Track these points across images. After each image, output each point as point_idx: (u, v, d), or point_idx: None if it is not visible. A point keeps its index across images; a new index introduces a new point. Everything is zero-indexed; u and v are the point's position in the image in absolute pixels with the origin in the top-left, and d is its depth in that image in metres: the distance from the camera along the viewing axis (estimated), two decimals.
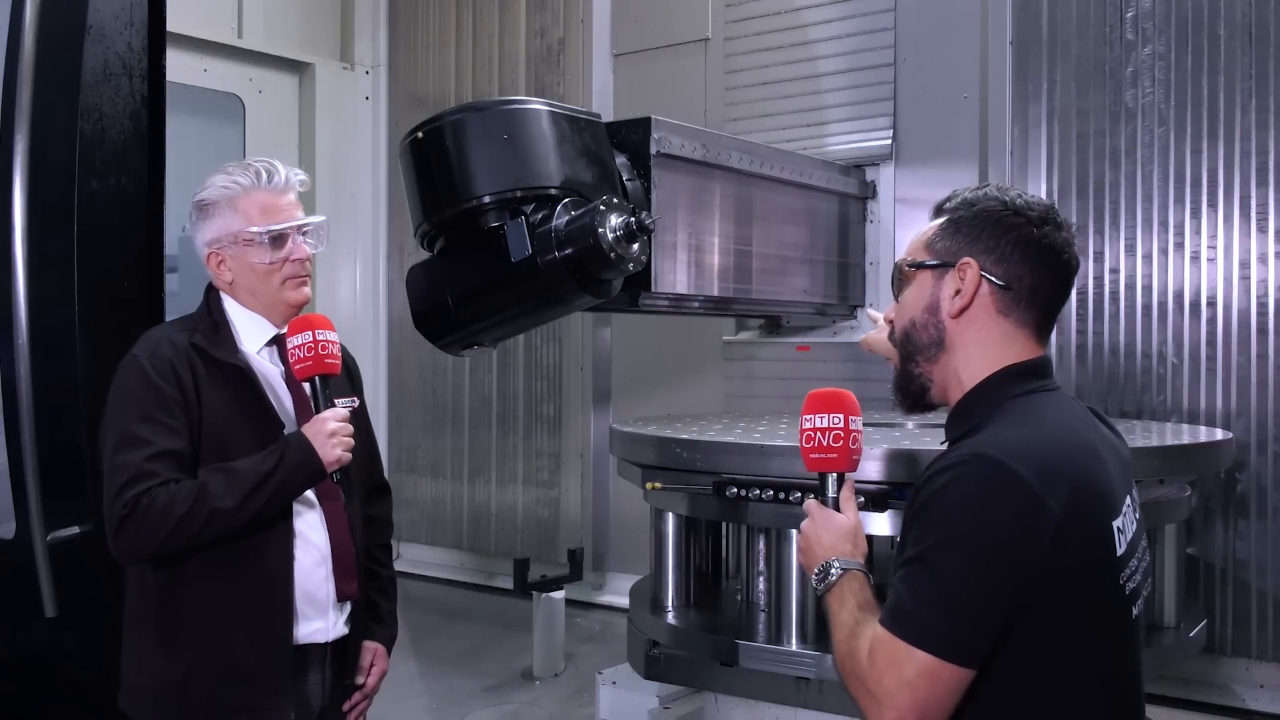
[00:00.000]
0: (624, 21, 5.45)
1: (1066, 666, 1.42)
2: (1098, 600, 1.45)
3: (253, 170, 2.11)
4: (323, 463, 2.00)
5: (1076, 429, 1.53)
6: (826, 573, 1.58)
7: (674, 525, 3.04)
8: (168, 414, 1.97)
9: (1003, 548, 1.37)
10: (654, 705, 2.96)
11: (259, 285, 2.12)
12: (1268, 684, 3.72)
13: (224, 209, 2.10)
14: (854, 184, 4.19)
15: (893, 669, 1.38)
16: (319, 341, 2.04)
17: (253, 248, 2.10)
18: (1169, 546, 2.95)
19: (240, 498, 1.93)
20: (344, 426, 2.04)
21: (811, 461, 1.70)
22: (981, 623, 1.37)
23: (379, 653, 2.34)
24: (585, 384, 5.61)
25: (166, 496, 1.90)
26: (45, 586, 2.41)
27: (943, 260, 1.58)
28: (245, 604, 2.02)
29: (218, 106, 5.66)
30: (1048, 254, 1.56)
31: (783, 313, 4.26)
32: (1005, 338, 1.56)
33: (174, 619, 2.02)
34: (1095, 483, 1.45)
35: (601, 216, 2.41)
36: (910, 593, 1.40)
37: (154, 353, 2.02)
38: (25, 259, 2.39)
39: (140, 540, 1.92)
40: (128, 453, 1.93)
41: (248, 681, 2.03)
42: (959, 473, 1.41)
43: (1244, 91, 3.71)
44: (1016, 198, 1.58)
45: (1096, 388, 3.94)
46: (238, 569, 2.01)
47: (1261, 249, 3.69)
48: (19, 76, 2.40)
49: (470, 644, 5.06)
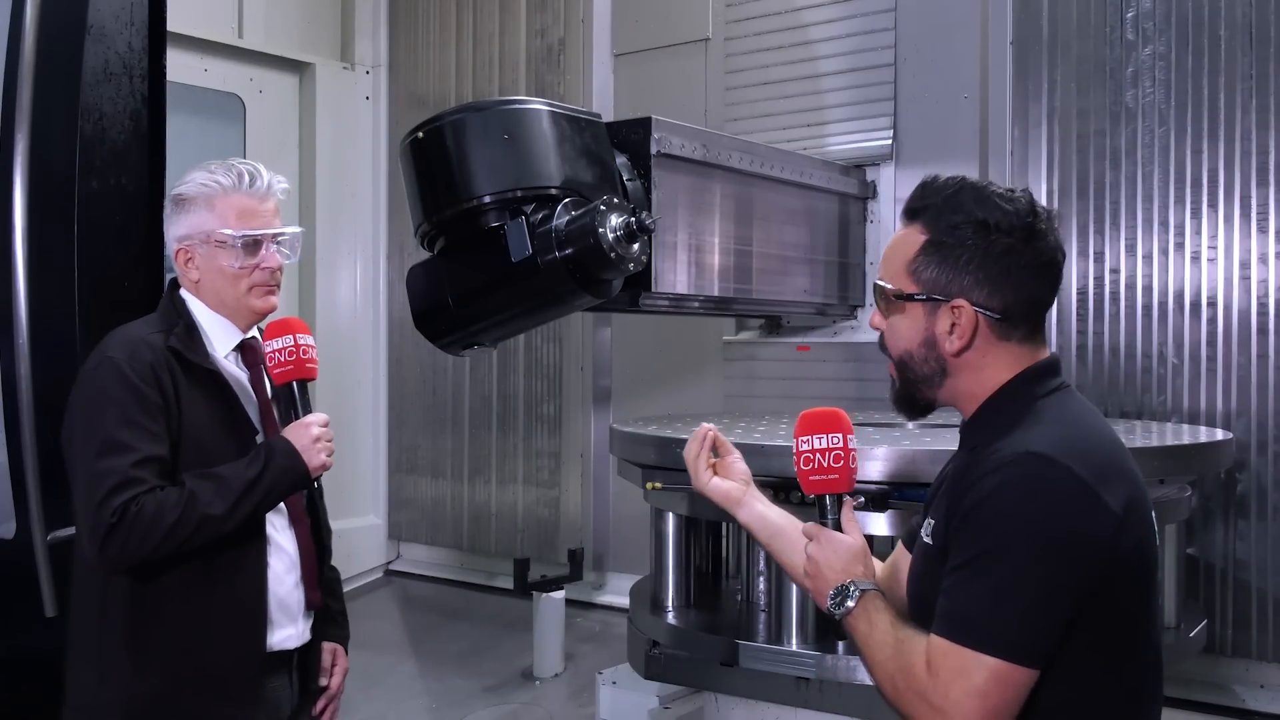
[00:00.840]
0: (624, 21, 5.45)
1: (1113, 657, 1.42)
2: (1146, 593, 1.45)
3: (235, 172, 2.05)
4: (308, 469, 1.97)
5: (1106, 427, 1.53)
6: (845, 596, 1.53)
7: (674, 525, 3.04)
8: (150, 419, 1.91)
9: (1065, 545, 1.35)
10: (654, 705, 2.96)
11: (225, 289, 2.06)
12: (1268, 684, 3.72)
13: (200, 206, 2.04)
14: (854, 184, 4.19)
15: (960, 678, 1.35)
16: (300, 345, 2.01)
17: (224, 250, 2.04)
18: (1169, 546, 2.95)
19: (229, 504, 1.89)
20: (327, 432, 2.01)
21: (811, 484, 1.64)
22: (1048, 622, 1.35)
23: (338, 652, 2.31)
24: (585, 384, 5.61)
25: (155, 504, 1.85)
26: (45, 586, 2.41)
27: (930, 294, 1.50)
28: (222, 613, 1.98)
29: (218, 106, 5.66)
30: (1040, 269, 1.50)
31: (783, 313, 4.26)
32: (1010, 354, 1.52)
33: (146, 629, 1.95)
34: (1138, 477, 1.46)
35: (602, 216, 2.41)
36: (972, 599, 1.37)
37: (133, 355, 1.94)
38: (25, 259, 2.38)
39: (130, 548, 1.85)
40: (112, 458, 1.86)
41: (222, 692, 1.98)
42: (1010, 474, 1.38)
43: (1244, 91, 3.71)
44: (995, 209, 1.47)
45: (1096, 388, 3.94)
46: (215, 578, 1.97)
47: (1261, 249, 3.69)
48: (19, 76, 2.39)
49: (470, 644, 5.06)
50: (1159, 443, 3.00)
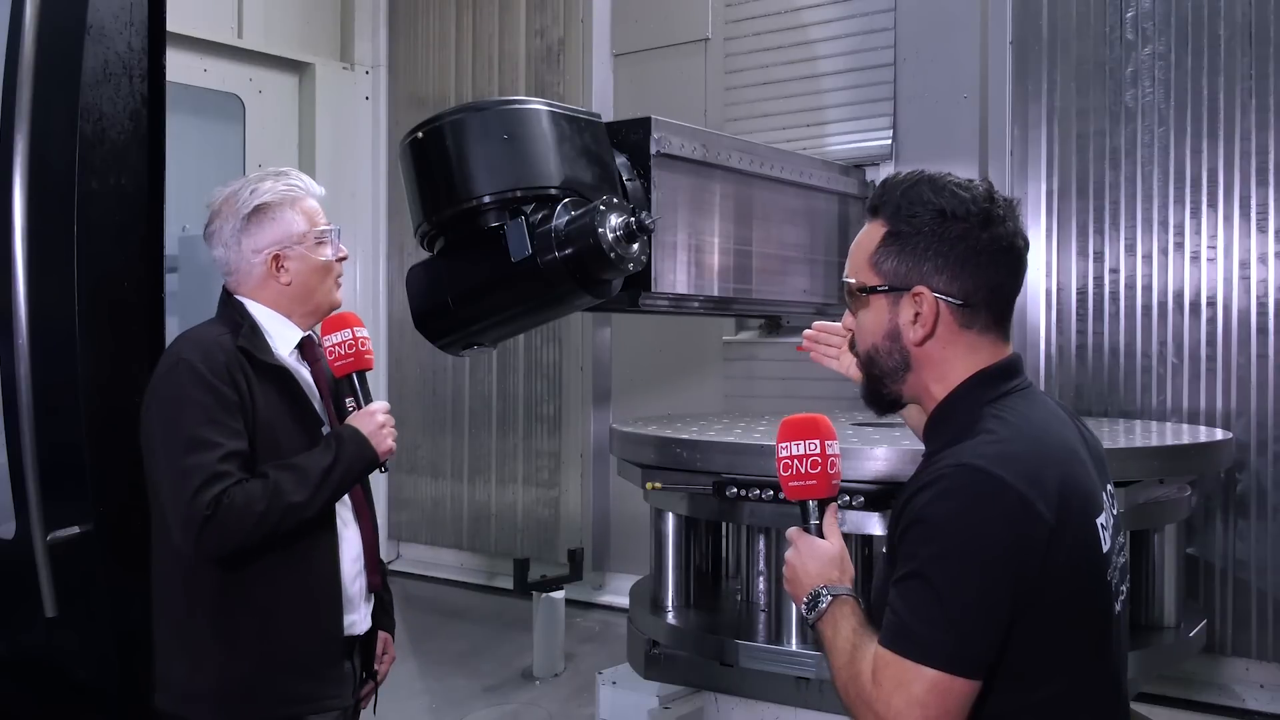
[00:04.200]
0: (624, 21, 5.45)
1: (1058, 665, 1.43)
2: (1087, 598, 1.45)
3: (292, 177, 2.20)
4: (377, 453, 2.10)
5: (1055, 429, 1.52)
6: (816, 601, 1.56)
7: (674, 525, 3.04)
8: (229, 415, 2.00)
9: (999, 555, 1.36)
10: (654, 705, 2.96)
11: (317, 284, 2.19)
12: (1268, 684, 3.72)
13: (286, 210, 2.16)
14: (854, 184, 4.19)
15: (900, 689, 1.37)
16: (358, 338, 2.15)
17: (318, 247, 2.18)
18: (1169, 546, 2.95)
19: (310, 491, 2.00)
20: (390, 419, 2.16)
21: (791, 490, 1.66)
22: (985, 632, 1.37)
23: (388, 641, 2.41)
24: (585, 384, 5.61)
25: (243, 495, 1.94)
26: (45, 586, 2.41)
27: (892, 285, 1.53)
28: (301, 598, 2.08)
29: (218, 106, 5.66)
30: (999, 254, 1.51)
31: (783, 313, 4.26)
32: (971, 347, 1.53)
33: (233, 618, 2.05)
34: (1079, 482, 1.45)
35: (601, 216, 2.41)
36: (910, 610, 1.38)
37: (208, 356, 2.03)
38: (25, 259, 2.38)
39: (226, 538, 1.94)
40: (199, 455, 1.95)
41: (309, 674, 2.10)
42: (944, 486, 1.40)
43: (1244, 91, 3.71)
44: (951, 197, 1.50)
45: (1096, 388, 3.94)
46: (292, 564, 2.06)
47: (1261, 249, 3.69)
48: (19, 76, 2.39)
49: (470, 644, 5.06)
50: (1159, 443, 2.99)
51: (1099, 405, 3.94)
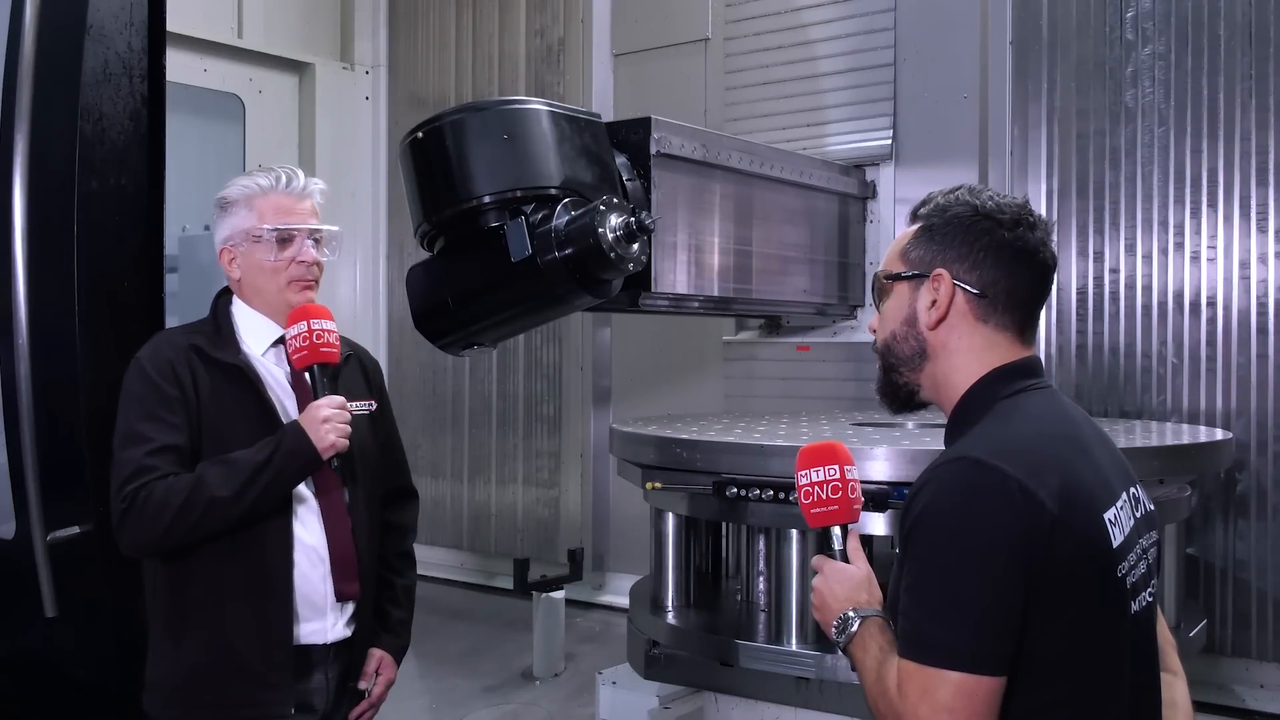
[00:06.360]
0: (624, 21, 5.45)
1: (1064, 666, 1.41)
2: (1092, 595, 1.43)
3: (274, 174, 2.18)
4: (316, 449, 2.02)
5: (1062, 424, 1.52)
6: (846, 625, 1.55)
7: (674, 525, 3.04)
8: (168, 411, 2.02)
9: (1006, 546, 1.35)
10: (654, 705, 2.95)
11: (264, 284, 2.16)
12: (1268, 684, 3.72)
13: (241, 207, 2.16)
14: (854, 184, 4.19)
15: (926, 698, 1.35)
16: (314, 330, 2.09)
17: (260, 245, 2.14)
18: (1169, 546, 2.95)
19: (237, 487, 1.97)
20: (339, 414, 2.07)
21: (814, 518, 1.65)
22: (1003, 626, 1.35)
23: (385, 660, 2.30)
24: (585, 384, 5.61)
25: (164, 489, 1.96)
26: (45, 586, 2.41)
27: (916, 271, 1.56)
28: (246, 601, 2.05)
29: (218, 106, 5.66)
30: (1022, 256, 1.53)
31: (783, 313, 4.26)
32: (987, 343, 1.54)
33: (181, 614, 2.07)
34: (1080, 475, 1.44)
35: (601, 216, 2.41)
36: (923, 615, 1.37)
37: (155, 354, 2.08)
38: (25, 259, 2.38)
39: (142, 532, 1.97)
40: (129, 449, 1.99)
41: (250, 677, 2.05)
42: (943, 482, 1.40)
43: (1244, 91, 3.71)
44: (988, 200, 1.55)
45: (1096, 388, 3.94)
46: (238, 566, 2.04)
47: (1261, 249, 3.69)
48: (19, 76, 2.40)
49: (470, 644, 5.06)
50: (1159, 443, 2.99)
51: (1099, 405, 3.94)
